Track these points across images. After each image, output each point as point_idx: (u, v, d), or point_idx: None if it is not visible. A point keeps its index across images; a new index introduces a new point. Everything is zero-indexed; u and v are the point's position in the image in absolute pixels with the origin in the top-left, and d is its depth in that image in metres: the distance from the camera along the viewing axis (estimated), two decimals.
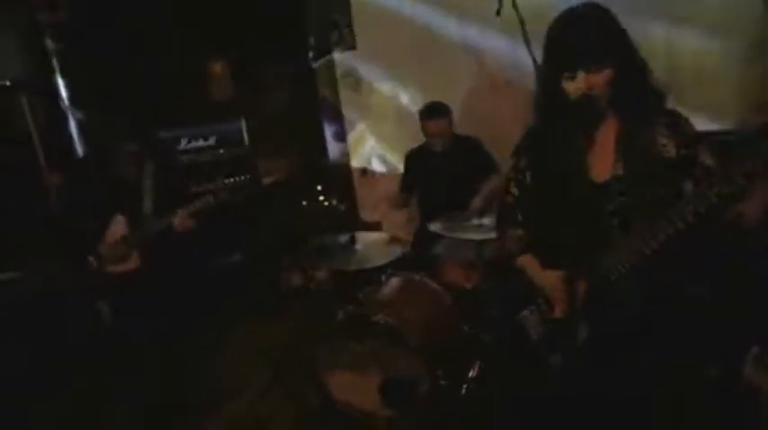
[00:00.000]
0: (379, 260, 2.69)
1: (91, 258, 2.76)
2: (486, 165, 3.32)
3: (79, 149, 3.89)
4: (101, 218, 2.84)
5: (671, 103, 1.56)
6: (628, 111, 1.53)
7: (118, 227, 2.81)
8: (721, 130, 2.81)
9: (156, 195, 2.88)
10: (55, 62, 3.85)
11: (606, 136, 1.57)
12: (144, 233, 2.78)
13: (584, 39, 1.45)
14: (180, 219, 2.74)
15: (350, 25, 3.93)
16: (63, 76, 3.87)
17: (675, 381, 1.66)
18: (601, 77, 1.45)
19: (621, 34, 1.48)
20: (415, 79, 3.89)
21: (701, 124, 1.58)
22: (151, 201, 2.86)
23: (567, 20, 1.50)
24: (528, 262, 1.76)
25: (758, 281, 2.26)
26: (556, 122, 1.57)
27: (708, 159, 1.47)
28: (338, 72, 4.19)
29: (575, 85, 1.48)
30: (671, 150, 1.50)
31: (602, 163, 1.57)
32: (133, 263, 2.82)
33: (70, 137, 3.89)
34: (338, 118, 4.35)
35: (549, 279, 1.66)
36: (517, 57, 3.24)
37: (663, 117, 1.54)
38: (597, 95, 1.47)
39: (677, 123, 1.52)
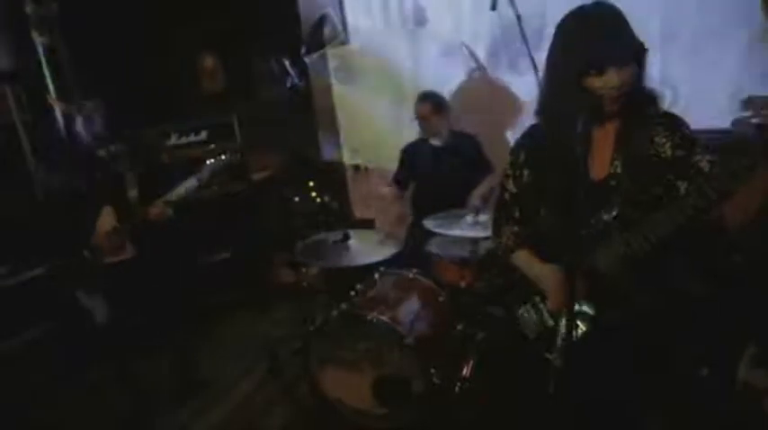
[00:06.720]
0: (372, 257, 2.67)
1: (86, 252, 2.74)
2: (482, 164, 3.30)
3: (66, 142, 3.84)
4: (90, 209, 2.83)
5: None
6: (630, 109, 1.52)
7: (107, 218, 2.79)
8: (715, 129, 2.80)
9: (141, 187, 2.86)
10: (42, 55, 3.80)
11: (607, 134, 1.58)
12: (133, 223, 2.75)
13: (614, 34, 1.43)
14: (158, 208, 2.73)
15: (343, 20, 3.89)
16: (50, 70, 3.83)
17: (668, 382, 1.66)
18: (629, 73, 1.44)
19: (633, 31, 1.47)
20: (409, 72, 3.85)
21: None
22: (137, 191, 2.84)
23: (589, 17, 1.47)
24: (524, 257, 1.77)
25: (747, 281, 2.25)
26: (570, 120, 1.47)
27: (702, 162, 1.47)
28: (331, 66, 4.14)
29: (602, 82, 1.44)
30: (667, 151, 1.50)
31: (601, 161, 1.57)
32: (128, 252, 2.81)
33: (57, 129, 3.84)
34: (331, 112, 4.31)
35: (545, 270, 1.67)
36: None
37: (660, 117, 1.54)
38: (627, 91, 1.45)
39: (674, 124, 1.53)
